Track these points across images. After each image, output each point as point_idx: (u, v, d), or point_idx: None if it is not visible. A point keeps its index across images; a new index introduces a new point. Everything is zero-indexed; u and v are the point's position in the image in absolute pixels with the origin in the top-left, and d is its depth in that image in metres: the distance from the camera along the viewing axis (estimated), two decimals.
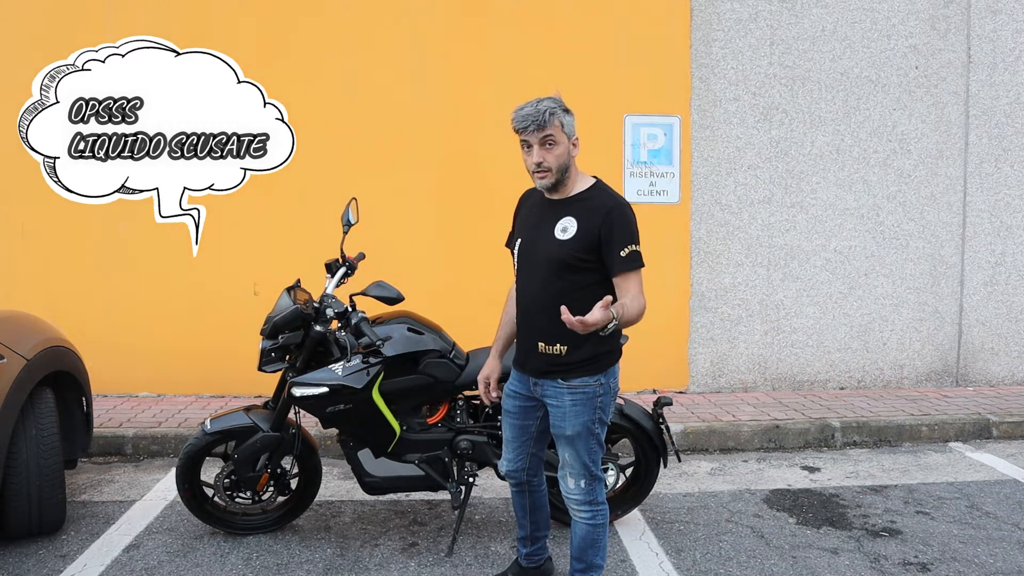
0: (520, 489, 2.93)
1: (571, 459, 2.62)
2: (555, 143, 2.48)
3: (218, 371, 5.60)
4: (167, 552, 3.37)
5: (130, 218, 5.60)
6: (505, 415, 2.83)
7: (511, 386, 2.79)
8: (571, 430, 2.58)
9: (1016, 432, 5.18)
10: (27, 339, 3.45)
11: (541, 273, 2.55)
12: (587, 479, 2.64)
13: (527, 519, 2.98)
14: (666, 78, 5.82)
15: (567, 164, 2.53)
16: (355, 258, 3.59)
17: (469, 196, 5.68)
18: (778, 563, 3.33)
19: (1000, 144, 6.09)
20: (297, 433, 3.43)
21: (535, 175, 2.53)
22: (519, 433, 2.81)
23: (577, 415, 2.56)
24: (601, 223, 2.46)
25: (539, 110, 2.45)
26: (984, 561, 3.36)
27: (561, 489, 2.70)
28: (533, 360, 2.63)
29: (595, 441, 2.62)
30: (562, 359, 2.54)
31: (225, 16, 5.58)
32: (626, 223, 2.48)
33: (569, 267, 2.50)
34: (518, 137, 2.53)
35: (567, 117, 2.52)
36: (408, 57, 5.66)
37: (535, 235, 2.61)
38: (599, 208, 2.50)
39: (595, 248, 2.47)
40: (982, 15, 6.01)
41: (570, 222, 2.51)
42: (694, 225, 5.89)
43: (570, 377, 2.55)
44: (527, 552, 3.05)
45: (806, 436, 5.03)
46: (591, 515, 2.68)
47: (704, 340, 5.95)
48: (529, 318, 2.63)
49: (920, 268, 6.09)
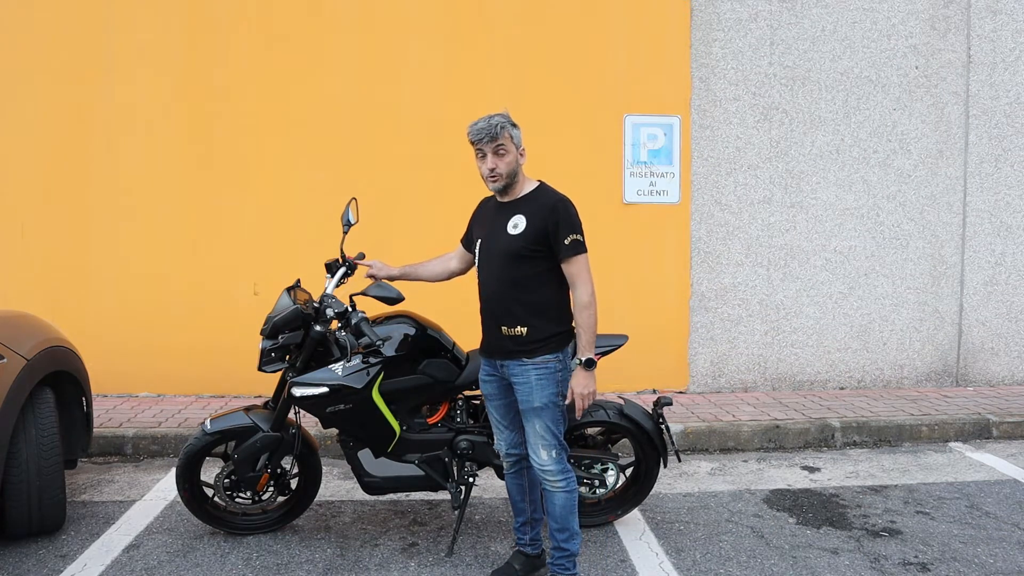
0: (519, 468, 3.12)
1: (542, 430, 2.89)
2: (505, 152, 2.85)
3: (218, 371, 5.60)
4: (167, 552, 3.37)
5: (130, 218, 5.61)
6: (488, 400, 3.08)
7: (483, 372, 3.06)
8: (539, 402, 2.86)
9: (1016, 432, 5.18)
10: (27, 339, 3.45)
11: (498, 265, 2.88)
12: (557, 448, 2.92)
13: (525, 501, 3.16)
14: (666, 78, 5.82)
15: (516, 170, 2.90)
16: (355, 258, 3.59)
17: (469, 196, 5.63)
18: (778, 563, 3.33)
19: (1000, 144, 6.09)
20: (297, 433, 3.42)
21: (488, 179, 2.89)
22: (506, 411, 3.05)
23: (543, 388, 2.85)
24: (547, 216, 2.81)
25: (491, 124, 2.83)
26: (984, 561, 3.36)
27: (535, 464, 2.93)
28: (497, 344, 2.92)
29: (560, 413, 2.92)
30: (524, 339, 2.86)
31: (225, 15, 5.59)
32: (568, 216, 2.82)
33: (522, 257, 2.83)
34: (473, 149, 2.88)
35: (515, 130, 2.90)
36: (409, 56, 5.66)
37: (491, 234, 2.95)
38: (545, 205, 2.85)
39: (543, 239, 2.81)
40: (982, 15, 6.01)
41: (520, 219, 2.85)
42: (694, 225, 5.89)
43: (534, 355, 2.85)
44: (530, 538, 3.18)
45: (806, 436, 5.03)
46: (565, 482, 2.94)
47: (704, 340, 5.96)
48: (491, 306, 2.93)
49: (920, 268, 6.09)
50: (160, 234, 5.62)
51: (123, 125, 5.58)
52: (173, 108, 5.60)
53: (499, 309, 2.89)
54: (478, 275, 3.02)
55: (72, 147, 5.57)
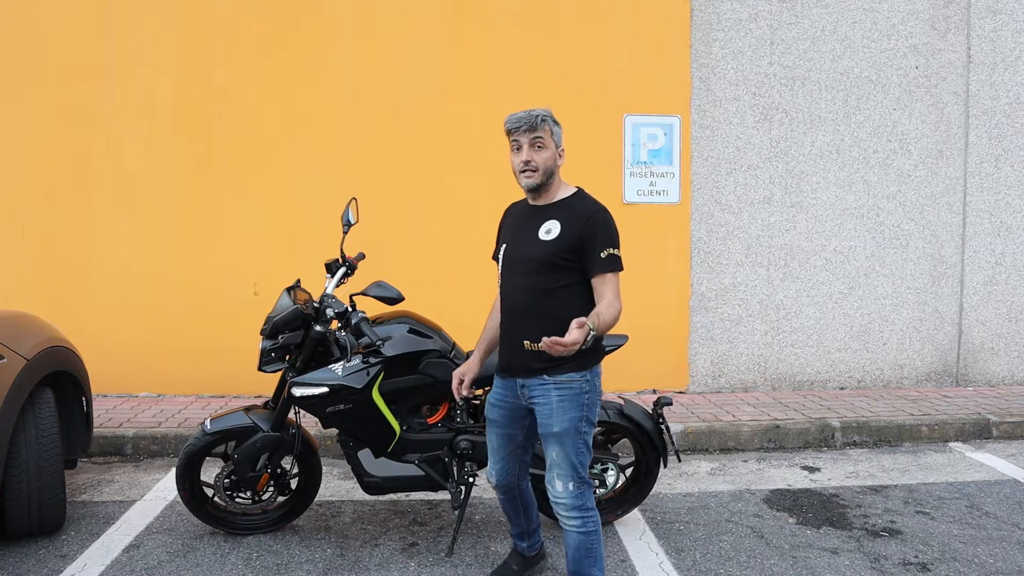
0: (511, 495, 2.97)
1: (559, 458, 2.61)
2: (543, 146, 2.63)
3: (218, 371, 5.60)
4: (167, 552, 3.37)
5: (130, 218, 5.61)
6: (490, 425, 2.85)
7: (494, 395, 2.80)
8: (558, 427, 2.58)
9: (1016, 432, 5.18)
10: (27, 339, 3.45)
11: (525, 273, 2.63)
12: (576, 481, 2.62)
13: (520, 518, 3.06)
14: (666, 78, 5.82)
15: (552, 169, 2.67)
16: (355, 258, 3.59)
17: (469, 196, 5.68)
18: (778, 563, 3.33)
19: (1000, 144, 6.09)
20: (297, 433, 3.42)
21: (521, 174, 2.65)
22: (505, 442, 2.83)
23: (564, 411, 2.58)
24: (584, 226, 2.57)
25: (532, 115, 2.62)
26: (984, 561, 3.36)
27: (549, 495, 2.66)
28: (519, 359, 2.65)
29: (582, 442, 2.62)
30: (547, 354, 2.48)
31: (225, 15, 5.59)
32: (608, 227, 2.59)
33: (552, 265, 2.58)
34: (508, 140, 2.66)
35: (556, 127, 2.70)
36: (409, 56, 5.66)
37: (519, 239, 2.70)
38: (582, 213, 2.61)
39: (577, 249, 2.57)
40: (982, 15, 6.01)
41: (554, 224, 2.62)
42: (694, 225, 5.89)
43: (556, 373, 2.58)
44: (527, 544, 3.12)
45: (806, 436, 5.03)
46: (581, 522, 2.63)
47: (704, 340, 5.96)
48: (514, 318, 2.68)
49: (920, 268, 6.09)
50: (160, 234, 5.62)
51: (123, 125, 5.58)
52: (173, 108, 5.60)
53: (523, 322, 2.63)
54: (501, 284, 2.76)
55: (72, 147, 5.57)
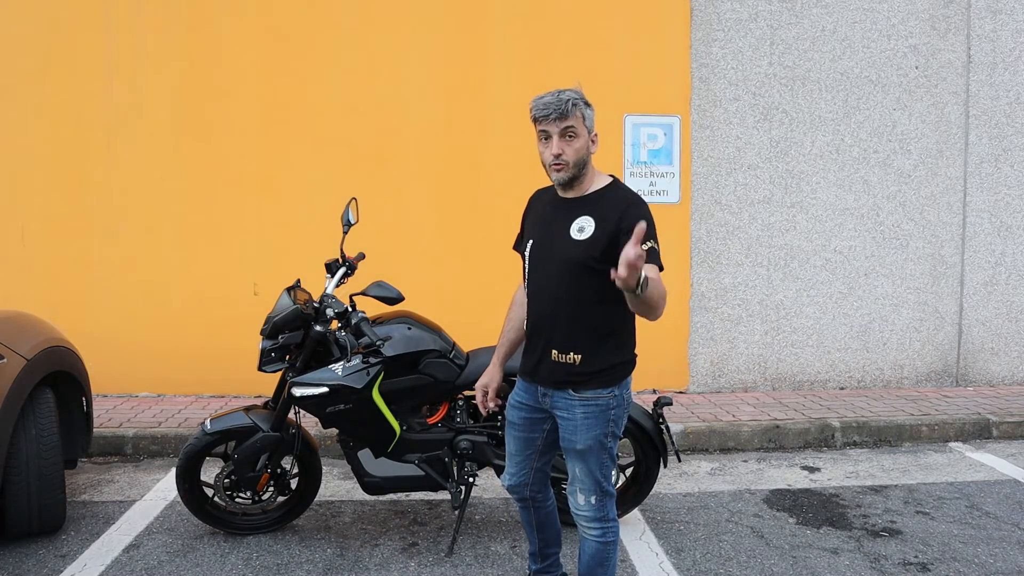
0: (525, 505, 2.77)
1: (582, 474, 2.47)
2: (575, 135, 2.35)
3: (218, 371, 5.60)
4: (167, 552, 3.37)
5: (130, 218, 5.61)
6: (509, 427, 2.67)
7: (516, 396, 2.62)
8: (582, 444, 2.42)
9: (1016, 432, 5.18)
10: (27, 339, 3.45)
11: (555, 276, 2.39)
12: (598, 495, 2.48)
13: (535, 535, 2.84)
14: (666, 78, 5.82)
15: (585, 159, 2.40)
16: (355, 258, 3.59)
17: (470, 196, 5.69)
18: (778, 563, 3.33)
19: (1000, 144, 6.09)
20: (297, 433, 3.42)
21: (551, 168, 2.38)
22: (523, 446, 2.64)
23: (589, 428, 2.40)
24: (620, 217, 2.30)
25: (561, 99, 2.32)
26: (984, 561, 3.36)
27: (570, 505, 2.55)
28: (544, 369, 2.45)
29: (607, 456, 2.48)
30: (576, 369, 2.39)
31: (225, 15, 5.59)
32: (645, 218, 2.28)
33: (587, 270, 2.33)
34: (535, 128, 2.39)
35: (588, 111, 2.39)
36: (409, 56, 5.66)
37: (549, 235, 2.44)
38: (617, 204, 2.36)
39: (615, 247, 2.24)
40: (982, 15, 6.01)
41: (587, 221, 2.36)
42: (694, 225, 5.89)
43: (582, 389, 2.39)
44: (537, 569, 2.89)
45: (806, 436, 5.03)
46: (601, 532, 2.52)
47: (704, 340, 5.95)
48: (541, 324, 2.45)
49: (920, 268, 6.09)
50: (160, 234, 5.62)
51: (123, 125, 5.58)
52: (173, 108, 5.60)
53: (552, 330, 2.41)
54: (527, 285, 2.52)
55: (72, 147, 5.57)
